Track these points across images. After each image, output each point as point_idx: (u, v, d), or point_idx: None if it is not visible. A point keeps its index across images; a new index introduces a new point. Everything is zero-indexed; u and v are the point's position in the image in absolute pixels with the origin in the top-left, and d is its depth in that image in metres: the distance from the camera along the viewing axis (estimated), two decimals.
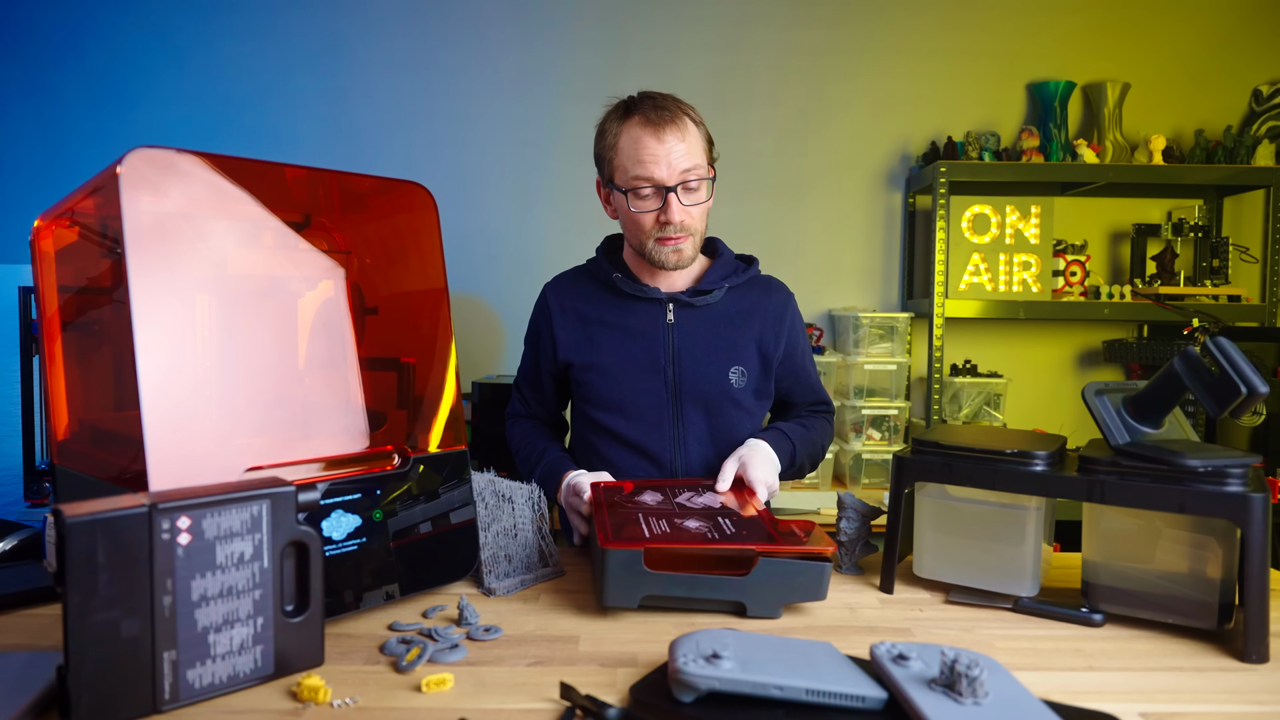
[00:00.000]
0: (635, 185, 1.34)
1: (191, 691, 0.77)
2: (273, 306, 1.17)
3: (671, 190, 1.32)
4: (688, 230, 1.36)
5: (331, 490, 0.96)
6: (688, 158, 1.33)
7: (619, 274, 1.43)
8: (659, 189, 1.33)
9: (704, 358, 1.41)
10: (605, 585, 0.99)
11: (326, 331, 1.38)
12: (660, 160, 1.31)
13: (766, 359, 1.45)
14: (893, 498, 1.13)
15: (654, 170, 1.32)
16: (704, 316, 1.43)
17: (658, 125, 1.32)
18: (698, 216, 1.37)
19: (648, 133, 1.32)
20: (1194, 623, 0.97)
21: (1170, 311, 2.66)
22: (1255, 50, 2.96)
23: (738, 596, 1.01)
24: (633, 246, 1.43)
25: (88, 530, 0.70)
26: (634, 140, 1.33)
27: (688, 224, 1.35)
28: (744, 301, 1.46)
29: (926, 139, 2.95)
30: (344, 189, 1.13)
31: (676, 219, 1.33)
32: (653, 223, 1.35)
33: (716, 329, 1.43)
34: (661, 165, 1.32)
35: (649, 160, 1.32)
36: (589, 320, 1.45)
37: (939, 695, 0.73)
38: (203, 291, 1.09)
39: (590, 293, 1.47)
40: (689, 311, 1.42)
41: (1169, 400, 1.02)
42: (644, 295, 1.42)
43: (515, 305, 2.94)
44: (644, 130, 1.33)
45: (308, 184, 1.09)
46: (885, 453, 2.67)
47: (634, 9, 2.92)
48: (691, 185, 1.34)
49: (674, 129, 1.32)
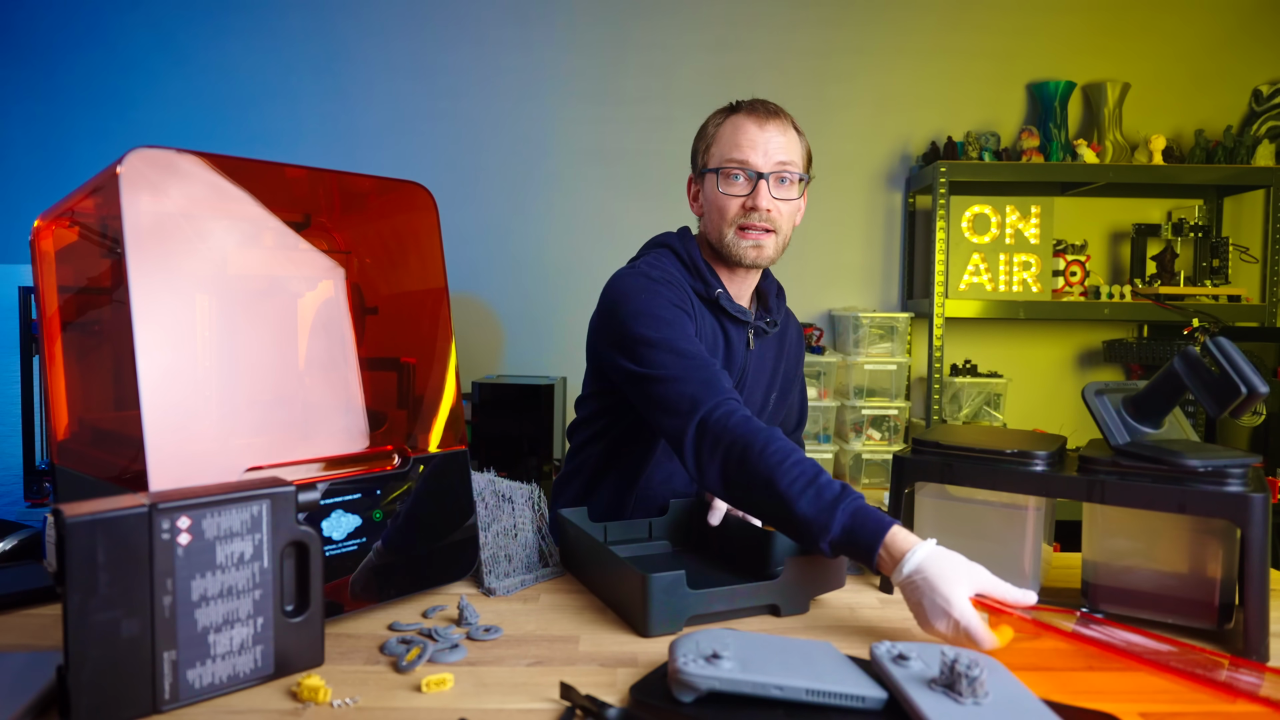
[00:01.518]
0: (727, 167, 1.31)
1: (191, 691, 0.77)
2: (273, 306, 1.17)
3: (764, 177, 1.29)
4: (773, 225, 1.31)
5: (331, 490, 0.96)
6: (785, 151, 1.31)
7: (722, 289, 1.35)
8: (751, 175, 1.30)
9: (759, 385, 1.43)
10: (649, 613, 0.94)
11: (326, 331, 1.38)
12: (758, 146, 1.30)
13: (787, 385, 1.47)
14: (893, 498, 1.13)
15: (750, 154, 1.30)
16: (766, 345, 1.44)
17: (762, 117, 1.32)
18: (786, 214, 1.33)
19: (751, 121, 1.32)
20: (1194, 623, 0.97)
21: (1170, 311, 2.66)
22: (1255, 50, 2.96)
23: (772, 599, 1.01)
24: (711, 241, 1.36)
25: (88, 530, 0.70)
26: (735, 127, 1.33)
27: (774, 218, 1.31)
28: (783, 332, 1.48)
29: (926, 139, 2.95)
30: (344, 189, 1.13)
31: (764, 205, 1.29)
32: (738, 209, 1.31)
33: (771, 359, 1.45)
34: (759, 151, 1.30)
35: (746, 145, 1.30)
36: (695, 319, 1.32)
37: (939, 695, 0.73)
38: (203, 291, 1.09)
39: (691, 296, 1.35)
40: (760, 338, 1.42)
41: (1169, 400, 1.02)
42: (740, 317, 1.36)
43: (515, 305, 2.95)
44: (748, 119, 1.32)
45: (308, 184, 1.09)
46: (885, 453, 2.67)
47: (634, 9, 2.92)
48: (785, 178, 1.31)
49: (777, 123, 1.32)
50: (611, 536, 1.22)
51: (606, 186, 2.91)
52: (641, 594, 0.94)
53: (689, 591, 0.95)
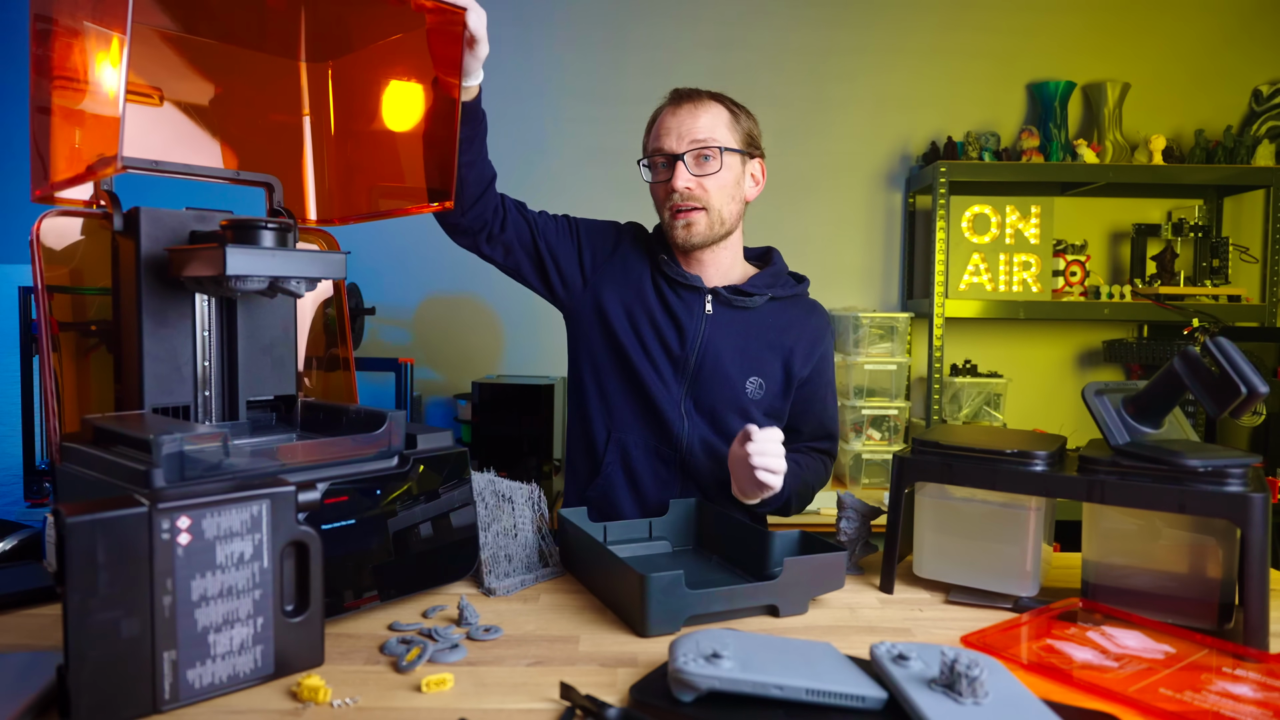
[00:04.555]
0: (651, 158, 1.40)
1: (191, 691, 0.77)
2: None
3: (680, 158, 1.34)
4: (696, 201, 1.35)
5: (332, 490, 0.96)
6: (702, 130, 1.35)
7: (665, 255, 1.43)
8: (671, 159, 1.36)
9: (728, 359, 1.39)
10: (648, 613, 0.94)
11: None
12: (672, 131, 1.36)
13: (790, 379, 1.42)
14: (893, 498, 1.13)
15: (665, 140, 1.37)
16: (740, 319, 1.42)
17: (677, 102, 1.39)
18: (711, 190, 1.36)
19: (667, 109, 1.39)
20: (1194, 623, 0.96)
21: (1170, 311, 2.66)
22: (1255, 50, 2.96)
23: (771, 600, 1.01)
24: (663, 228, 1.44)
25: (88, 530, 0.70)
26: (656, 120, 1.42)
27: (696, 194, 1.35)
28: (784, 316, 1.44)
29: (926, 139, 2.95)
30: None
31: (680, 185, 1.34)
32: (664, 194, 1.38)
33: (749, 334, 1.41)
34: (673, 135, 1.36)
35: (663, 133, 1.38)
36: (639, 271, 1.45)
37: (939, 695, 0.73)
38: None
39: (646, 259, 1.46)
40: (727, 310, 1.42)
41: (1169, 400, 1.02)
42: (684, 281, 1.41)
43: (515, 305, 2.94)
44: (665, 108, 1.40)
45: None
46: (885, 453, 2.67)
47: (634, 9, 2.92)
48: (706, 154, 1.35)
49: (691, 103, 1.37)
50: (611, 536, 1.22)
51: (606, 186, 2.90)
52: (640, 594, 0.94)
53: (688, 591, 0.95)
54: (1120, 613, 0.99)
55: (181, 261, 1.02)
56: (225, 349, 1.13)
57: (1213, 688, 0.81)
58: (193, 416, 1.11)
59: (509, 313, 2.96)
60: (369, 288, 2.64)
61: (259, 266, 0.98)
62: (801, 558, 1.03)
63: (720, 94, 1.41)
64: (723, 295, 1.41)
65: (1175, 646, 0.91)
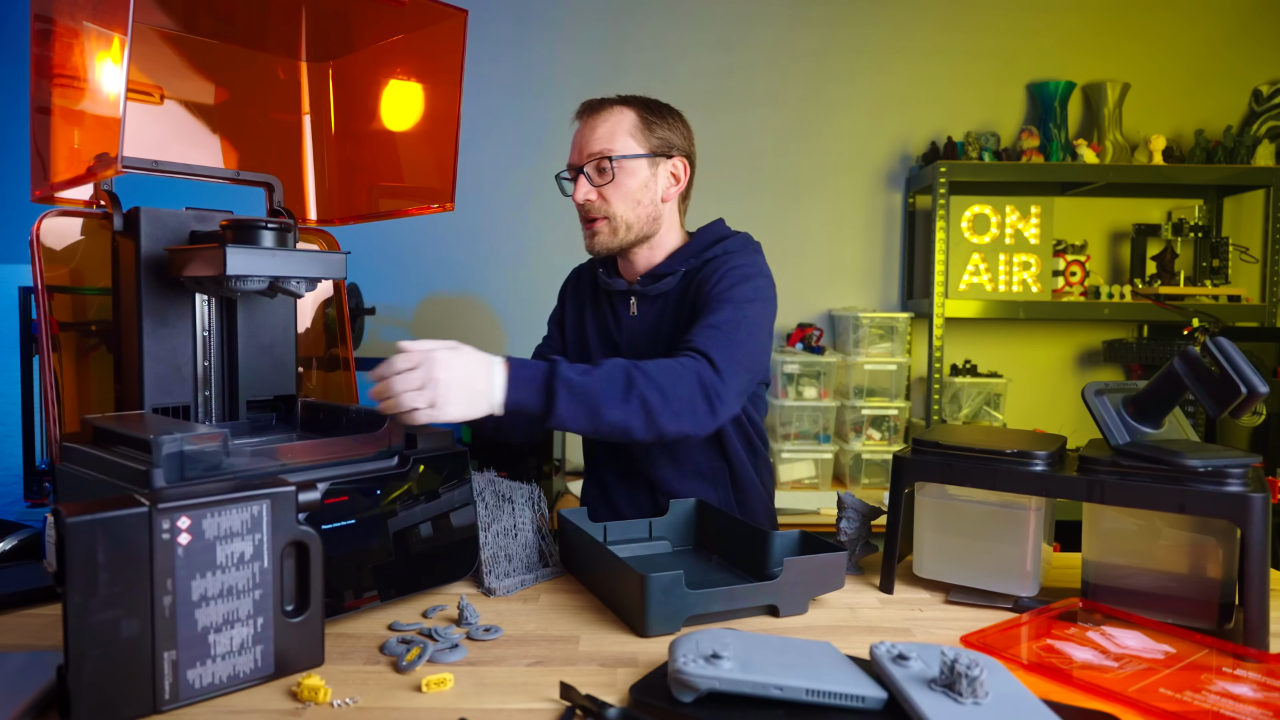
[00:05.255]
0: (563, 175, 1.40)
1: (191, 691, 0.77)
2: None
3: (581, 171, 1.35)
4: (596, 211, 1.34)
5: (332, 490, 0.96)
6: (599, 141, 1.34)
7: (602, 268, 1.45)
8: (575, 172, 1.36)
9: (655, 349, 1.36)
10: (648, 613, 0.94)
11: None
12: (575, 146, 1.38)
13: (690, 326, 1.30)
14: (893, 498, 1.13)
15: (571, 156, 1.38)
16: (657, 307, 1.39)
17: (581, 115, 1.39)
18: (612, 199, 1.33)
19: (577, 124, 1.40)
20: (1194, 623, 0.96)
21: (1170, 311, 2.66)
22: (1255, 50, 2.96)
23: (771, 600, 1.01)
24: None
25: (88, 530, 0.70)
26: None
27: (596, 205, 1.34)
28: (694, 282, 1.35)
29: (926, 139, 2.95)
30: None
31: (579, 198, 1.35)
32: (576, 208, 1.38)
33: (664, 318, 1.38)
34: (575, 149, 1.37)
35: (571, 149, 1.39)
36: (581, 305, 1.49)
37: (939, 695, 0.73)
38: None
39: (588, 286, 1.50)
40: (647, 302, 1.40)
41: (1169, 400, 1.02)
42: (611, 288, 1.42)
43: (515, 305, 2.94)
44: (574, 125, 1.40)
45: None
46: (885, 453, 2.67)
47: (634, 9, 2.92)
48: (603, 166, 1.33)
49: (590, 116, 1.38)
50: (611, 536, 1.22)
51: None
52: (640, 594, 0.94)
53: (687, 591, 0.95)
54: (1120, 613, 0.99)
55: (181, 261, 1.02)
56: (225, 349, 1.13)
57: (1213, 688, 0.81)
58: (193, 416, 1.11)
59: (509, 313, 2.96)
60: (369, 288, 2.64)
61: (259, 266, 0.98)
62: (801, 558, 1.03)
63: (635, 98, 1.38)
64: (639, 291, 1.39)
65: (1175, 646, 0.91)
